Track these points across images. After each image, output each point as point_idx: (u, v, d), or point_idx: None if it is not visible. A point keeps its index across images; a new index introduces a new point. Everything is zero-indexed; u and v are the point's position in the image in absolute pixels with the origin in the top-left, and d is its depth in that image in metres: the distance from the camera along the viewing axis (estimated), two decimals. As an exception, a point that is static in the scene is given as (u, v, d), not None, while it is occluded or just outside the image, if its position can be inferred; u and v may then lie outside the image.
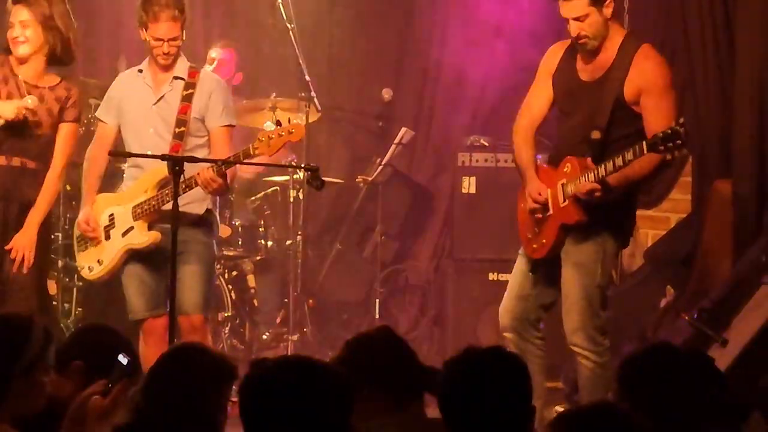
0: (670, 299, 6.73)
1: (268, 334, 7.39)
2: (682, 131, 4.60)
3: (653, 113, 4.95)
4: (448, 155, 7.81)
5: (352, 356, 3.31)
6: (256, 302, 7.32)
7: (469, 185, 7.29)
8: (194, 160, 5.06)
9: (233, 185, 5.65)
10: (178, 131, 5.32)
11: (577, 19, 4.99)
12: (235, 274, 7.19)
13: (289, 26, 7.11)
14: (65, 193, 6.37)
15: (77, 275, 6.43)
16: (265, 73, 8.04)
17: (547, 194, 5.09)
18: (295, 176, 7.26)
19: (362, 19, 8.24)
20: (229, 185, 5.29)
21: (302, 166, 6.78)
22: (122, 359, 3.09)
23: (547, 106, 5.28)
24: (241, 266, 7.24)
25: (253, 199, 7.54)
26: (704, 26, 6.64)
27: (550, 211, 5.11)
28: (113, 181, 5.70)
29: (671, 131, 4.62)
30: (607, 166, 4.85)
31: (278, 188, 7.57)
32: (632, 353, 3.45)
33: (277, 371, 2.71)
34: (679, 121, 4.67)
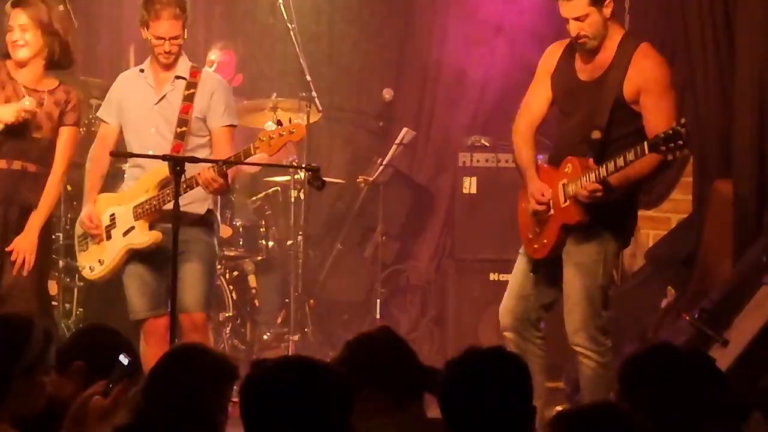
0: (670, 299, 6.73)
1: (269, 334, 7.40)
2: (683, 132, 4.59)
3: (653, 112, 4.94)
4: (448, 155, 7.81)
5: (352, 356, 3.32)
6: (257, 302, 7.32)
7: (470, 185, 7.29)
8: (195, 160, 5.06)
9: (234, 185, 5.65)
10: (179, 131, 5.32)
11: (577, 18, 4.99)
12: (236, 274, 7.19)
13: (289, 26, 7.11)
14: (66, 193, 6.37)
15: (78, 275, 6.43)
16: (265, 73, 8.04)
17: (550, 194, 5.09)
18: (296, 176, 7.27)
19: (363, 19, 8.25)
20: (230, 185, 5.29)
21: (303, 166, 6.78)
22: (123, 359, 3.09)
23: (546, 106, 5.27)
24: (242, 266, 7.24)
25: (254, 199, 7.54)
26: (704, 26, 6.64)
27: (551, 211, 5.11)
28: (114, 181, 5.70)
29: (672, 132, 4.61)
30: (608, 166, 4.84)
31: (279, 188, 7.57)
32: (633, 353, 3.45)
33: (277, 371, 2.71)
34: (680, 121, 4.66)
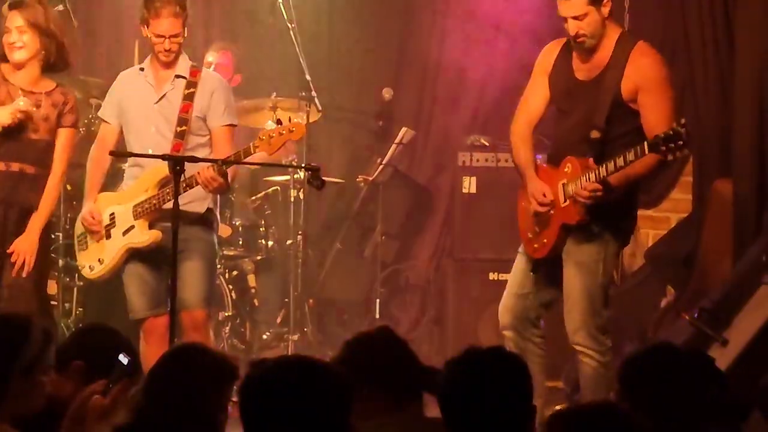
0: (670, 299, 6.73)
1: (268, 333, 7.39)
2: (683, 132, 4.59)
3: (651, 110, 4.94)
4: (448, 155, 7.80)
5: (351, 356, 3.31)
6: (256, 302, 7.31)
7: (469, 185, 7.28)
8: (194, 159, 5.05)
9: (234, 184, 5.65)
10: (179, 130, 5.32)
11: (575, 17, 4.98)
12: (235, 273, 7.18)
13: (289, 26, 7.10)
14: (66, 193, 6.36)
15: (78, 275, 6.42)
16: (265, 72, 8.03)
17: (551, 195, 5.08)
18: (295, 176, 7.26)
19: (362, 18, 8.24)
20: (229, 184, 5.29)
21: (303, 165, 6.77)
22: (122, 359, 3.09)
23: (543, 105, 5.27)
24: (241, 266, 7.24)
25: (253, 198, 7.54)
26: (704, 26, 6.64)
27: (551, 211, 5.11)
28: (114, 180, 5.70)
29: (673, 132, 4.61)
30: (608, 166, 4.84)
31: (279, 188, 7.56)
32: (633, 353, 3.45)
33: (276, 371, 2.71)
34: (680, 121, 4.65)
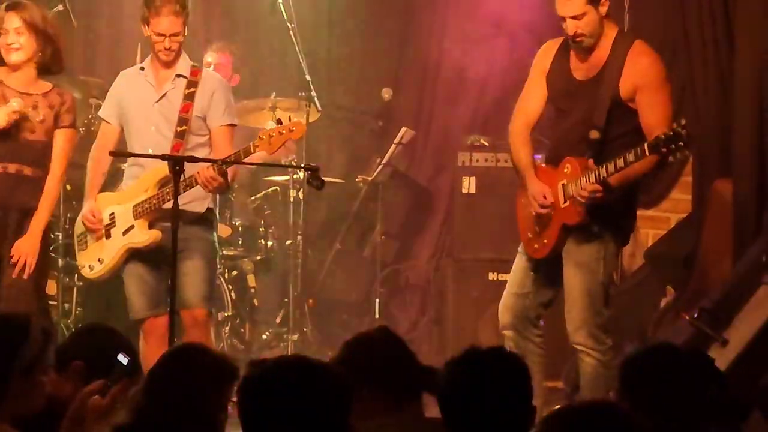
0: (670, 299, 6.72)
1: (268, 333, 7.39)
2: (684, 133, 4.59)
3: (649, 109, 4.94)
4: (448, 155, 7.80)
5: (351, 356, 3.31)
6: (256, 302, 7.31)
7: (469, 185, 7.28)
8: (194, 159, 5.06)
9: (233, 184, 5.65)
10: (179, 130, 5.32)
11: (574, 17, 4.98)
12: (235, 273, 7.18)
13: (289, 26, 7.10)
14: (65, 193, 6.35)
15: (77, 275, 6.42)
16: (265, 72, 8.04)
17: (552, 197, 5.07)
18: (295, 176, 7.26)
19: (362, 18, 8.24)
20: (229, 184, 5.29)
21: (302, 165, 6.77)
22: (122, 359, 3.08)
23: (541, 105, 5.26)
24: (241, 266, 7.24)
25: (253, 198, 7.54)
26: (704, 26, 6.64)
27: (551, 211, 5.11)
28: (114, 179, 5.70)
29: (673, 133, 4.60)
30: (608, 167, 4.84)
31: (278, 188, 7.56)
32: (633, 353, 3.45)
33: (275, 371, 2.71)
34: (680, 122, 4.65)
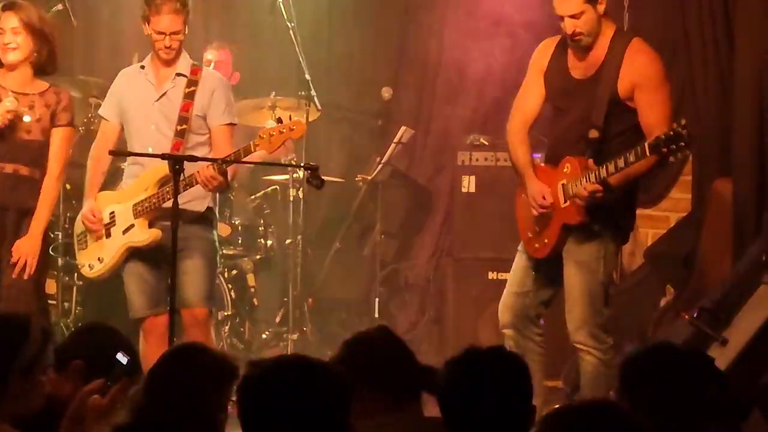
0: (670, 298, 6.72)
1: (267, 333, 7.39)
2: (684, 133, 4.59)
3: (648, 108, 4.94)
4: (447, 154, 7.80)
5: (350, 355, 3.31)
6: (255, 301, 7.31)
7: (468, 184, 7.27)
8: (194, 158, 5.06)
9: (233, 183, 5.65)
10: (179, 129, 5.31)
11: (572, 16, 4.98)
12: (234, 273, 7.18)
13: (289, 25, 7.09)
14: (65, 192, 6.35)
15: (77, 274, 6.41)
16: (264, 72, 8.03)
17: (551, 197, 5.07)
18: (294, 175, 7.26)
19: (362, 17, 8.24)
20: (229, 183, 5.29)
21: (302, 164, 6.77)
22: (122, 358, 3.08)
23: (539, 104, 5.25)
24: (240, 265, 7.24)
25: (252, 198, 7.54)
26: (704, 26, 6.64)
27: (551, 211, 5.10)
28: (113, 179, 5.70)
29: (674, 133, 4.60)
30: (608, 167, 4.84)
31: (278, 187, 7.56)
32: (632, 353, 3.44)
33: (275, 370, 2.70)
34: (681, 122, 4.65)
